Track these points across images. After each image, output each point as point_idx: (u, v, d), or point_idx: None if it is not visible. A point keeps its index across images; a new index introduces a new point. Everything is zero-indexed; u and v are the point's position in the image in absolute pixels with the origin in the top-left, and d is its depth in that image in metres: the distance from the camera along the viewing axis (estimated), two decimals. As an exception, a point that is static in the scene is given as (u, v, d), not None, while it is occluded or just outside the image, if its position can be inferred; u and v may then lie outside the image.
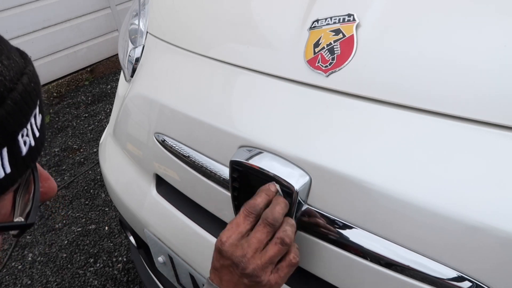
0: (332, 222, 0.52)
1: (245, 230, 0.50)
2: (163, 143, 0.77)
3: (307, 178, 0.53)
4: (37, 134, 0.32)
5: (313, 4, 0.62)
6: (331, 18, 0.59)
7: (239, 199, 0.61)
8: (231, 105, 0.67)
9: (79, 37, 3.28)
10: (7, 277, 1.69)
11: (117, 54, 1.09)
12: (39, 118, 0.33)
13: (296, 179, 0.53)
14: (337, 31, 0.57)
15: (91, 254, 1.74)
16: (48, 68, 3.16)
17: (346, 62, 0.55)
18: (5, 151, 0.28)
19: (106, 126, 1.16)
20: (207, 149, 0.69)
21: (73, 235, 1.85)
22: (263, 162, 0.56)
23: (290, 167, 0.55)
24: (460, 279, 0.43)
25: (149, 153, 0.84)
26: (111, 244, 1.77)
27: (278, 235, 0.50)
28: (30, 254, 1.78)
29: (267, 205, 0.52)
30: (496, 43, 0.46)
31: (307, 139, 0.55)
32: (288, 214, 0.55)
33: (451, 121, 0.47)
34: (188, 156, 0.71)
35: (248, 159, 0.58)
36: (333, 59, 0.56)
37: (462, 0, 0.51)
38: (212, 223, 0.74)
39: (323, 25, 0.59)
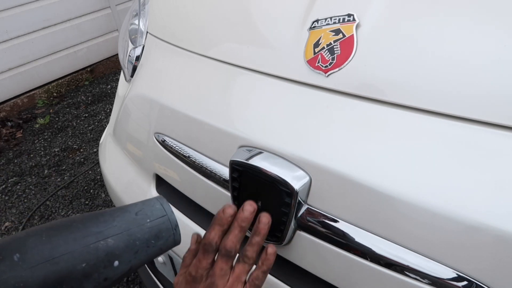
0: (332, 222, 0.52)
1: (208, 265, 0.52)
2: (163, 143, 0.77)
3: (307, 178, 0.54)
4: None
5: (313, 4, 0.62)
6: (331, 18, 0.59)
7: (239, 199, 0.61)
8: (231, 105, 0.67)
9: (79, 37, 3.29)
10: (7, 277, 1.68)
11: (117, 54, 1.10)
12: None
13: (296, 179, 0.53)
14: (337, 31, 0.57)
15: (91, 254, 1.73)
16: (48, 68, 3.16)
17: (346, 62, 0.55)
18: None
19: (106, 126, 1.16)
20: (207, 149, 0.69)
21: (73, 235, 1.85)
22: (263, 162, 0.56)
23: (290, 167, 0.55)
24: (460, 279, 0.43)
25: (149, 153, 0.84)
26: (111, 244, 1.77)
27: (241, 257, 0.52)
28: (30, 254, 1.78)
29: (224, 233, 0.53)
30: (496, 43, 0.46)
31: (307, 139, 0.55)
32: (288, 214, 0.55)
33: (452, 121, 0.47)
34: (188, 156, 0.71)
35: (248, 159, 0.58)
36: (333, 59, 0.56)
37: (463, 0, 0.51)
38: (212, 223, 0.74)
39: (323, 25, 0.59)
